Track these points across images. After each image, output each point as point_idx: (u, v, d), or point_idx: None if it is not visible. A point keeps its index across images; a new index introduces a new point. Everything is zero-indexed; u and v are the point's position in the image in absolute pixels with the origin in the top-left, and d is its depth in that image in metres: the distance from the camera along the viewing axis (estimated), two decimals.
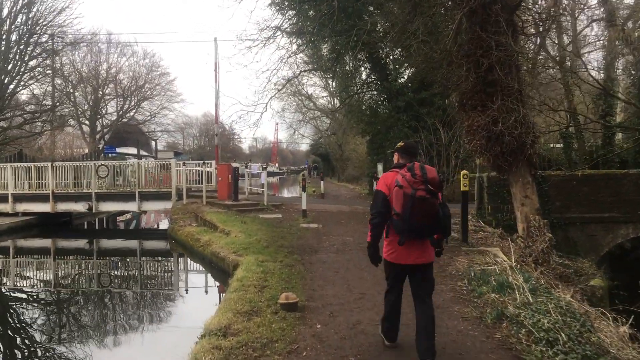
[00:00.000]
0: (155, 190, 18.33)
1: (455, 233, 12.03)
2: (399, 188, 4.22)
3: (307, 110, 55.07)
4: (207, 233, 12.88)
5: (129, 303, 10.36)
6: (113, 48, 47.42)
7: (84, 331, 8.40)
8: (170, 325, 8.49)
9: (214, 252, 10.64)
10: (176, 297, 10.48)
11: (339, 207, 16.92)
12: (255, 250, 10.00)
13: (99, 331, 8.35)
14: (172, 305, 9.90)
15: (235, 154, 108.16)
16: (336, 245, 10.81)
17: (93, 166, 18.27)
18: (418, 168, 4.28)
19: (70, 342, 7.71)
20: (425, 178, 4.21)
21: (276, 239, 11.41)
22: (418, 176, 4.20)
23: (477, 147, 9.96)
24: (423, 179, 4.19)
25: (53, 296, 11.14)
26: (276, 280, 7.40)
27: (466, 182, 10.84)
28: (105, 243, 18.38)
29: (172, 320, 8.90)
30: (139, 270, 13.47)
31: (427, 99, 20.05)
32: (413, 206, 4.13)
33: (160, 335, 8.07)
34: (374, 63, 22.45)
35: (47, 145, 42.43)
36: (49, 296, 11.16)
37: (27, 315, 9.60)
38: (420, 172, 4.23)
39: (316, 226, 13.41)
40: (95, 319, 9.19)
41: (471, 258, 8.96)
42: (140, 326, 8.63)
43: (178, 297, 10.50)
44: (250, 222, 13.64)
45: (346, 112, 29.00)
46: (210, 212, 15.39)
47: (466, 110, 10.16)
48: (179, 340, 7.16)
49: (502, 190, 13.88)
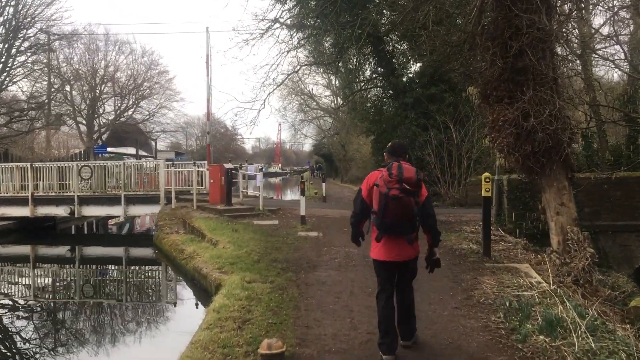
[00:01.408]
0: (143, 194, 16.88)
1: (474, 244, 10.56)
2: (376, 187, 4.41)
3: (310, 110, 53.65)
4: (193, 243, 11.44)
5: (93, 320, 8.95)
6: (111, 46, 46.02)
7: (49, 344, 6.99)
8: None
9: (197, 267, 9.19)
10: (141, 328, 8.96)
11: (342, 212, 15.45)
12: (243, 266, 8.55)
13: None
14: (135, 342, 8.31)
15: (238, 154, 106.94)
16: (338, 259, 9.35)
17: (75, 167, 16.83)
18: (395, 168, 4.39)
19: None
20: (401, 178, 4.32)
21: (269, 251, 9.96)
22: (394, 175, 4.33)
23: (504, 146, 8.48)
24: (398, 178, 4.31)
25: (23, 309, 9.76)
26: (262, 311, 5.94)
27: (488, 186, 9.37)
28: (88, 251, 16.98)
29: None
30: (116, 284, 12.06)
31: (437, 95, 18.57)
32: (387, 204, 4.30)
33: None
34: (380, 57, 20.98)
35: (41, 144, 41.19)
36: (19, 309, 9.77)
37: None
38: (397, 172, 4.35)
39: (316, 235, 11.96)
40: (58, 332, 7.78)
41: (499, 278, 7.48)
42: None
43: (144, 327, 8.98)
44: (243, 230, 12.19)
45: (350, 110, 27.58)
46: (199, 218, 13.96)
47: (490, 103, 8.68)
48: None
49: (525, 195, 12.40)
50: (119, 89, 46.47)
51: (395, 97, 20.53)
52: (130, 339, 8.26)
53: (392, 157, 4.70)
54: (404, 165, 4.44)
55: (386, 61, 20.78)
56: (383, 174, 4.43)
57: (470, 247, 10.18)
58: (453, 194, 17.59)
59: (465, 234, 11.68)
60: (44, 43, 27.29)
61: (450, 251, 9.92)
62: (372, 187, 4.50)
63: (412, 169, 4.45)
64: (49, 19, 26.39)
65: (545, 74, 8.16)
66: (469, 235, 11.47)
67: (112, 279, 13.03)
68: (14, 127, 27.85)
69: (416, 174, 4.44)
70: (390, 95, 21.17)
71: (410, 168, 4.45)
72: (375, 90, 23.84)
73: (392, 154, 4.74)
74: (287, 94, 50.54)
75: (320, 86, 50.08)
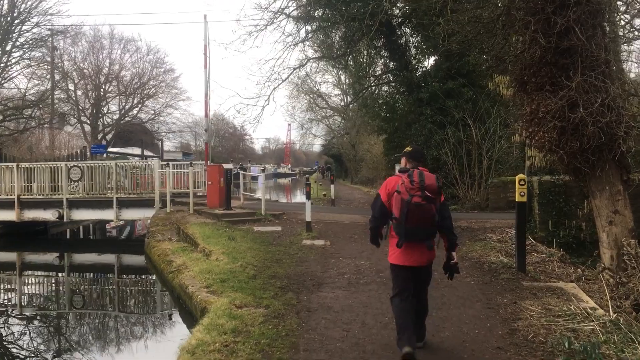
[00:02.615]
0: (136, 196, 15.65)
1: (504, 256, 9.18)
2: (397, 194, 4.42)
3: (319, 109, 52.37)
4: (184, 253, 10.17)
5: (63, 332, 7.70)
6: (116, 44, 45.05)
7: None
8: None
9: (182, 284, 7.90)
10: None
11: (352, 217, 14.12)
12: (235, 284, 7.25)
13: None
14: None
15: (247, 154, 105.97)
16: (347, 275, 8.03)
17: (64, 168, 15.63)
18: (416, 175, 4.41)
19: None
20: (422, 185, 4.35)
21: (268, 264, 8.67)
22: (415, 183, 4.35)
23: (545, 143, 7.11)
24: (420, 185, 4.34)
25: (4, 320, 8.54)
26: (249, 352, 4.64)
27: (524, 189, 7.98)
28: (78, 258, 15.77)
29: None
30: (97, 296, 10.82)
31: (455, 90, 17.17)
32: (409, 211, 4.31)
33: None
34: (392, 50, 19.62)
35: (44, 144, 40.33)
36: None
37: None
38: (418, 179, 4.37)
39: (322, 243, 10.64)
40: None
41: (545, 303, 6.11)
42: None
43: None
44: (241, 238, 10.90)
45: (360, 107, 26.21)
46: (195, 223, 12.69)
47: (528, 92, 7.32)
48: None
49: (558, 199, 11.00)
50: (124, 88, 45.55)
51: (409, 93, 19.16)
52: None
53: (412, 162, 4.69)
54: (424, 172, 4.46)
55: (399, 54, 19.42)
56: (404, 180, 4.42)
57: (500, 259, 8.80)
58: (473, 196, 16.18)
59: (492, 243, 10.30)
60: (40, 38, 26.18)
61: (477, 265, 8.56)
62: (393, 193, 4.50)
63: (432, 175, 4.47)
64: (46, 12, 25.29)
65: (596, 55, 6.79)
66: (497, 245, 10.09)
67: (94, 290, 11.82)
68: (11, 126, 26.78)
69: (437, 180, 4.46)
70: (404, 90, 19.80)
71: (431, 175, 4.47)
72: (388, 86, 22.48)
73: (413, 159, 4.71)
74: (297, 93, 49.45)
75: (330, 84, 48.93)
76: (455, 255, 4.85)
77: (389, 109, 21.45)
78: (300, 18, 20.28)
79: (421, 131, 17.86)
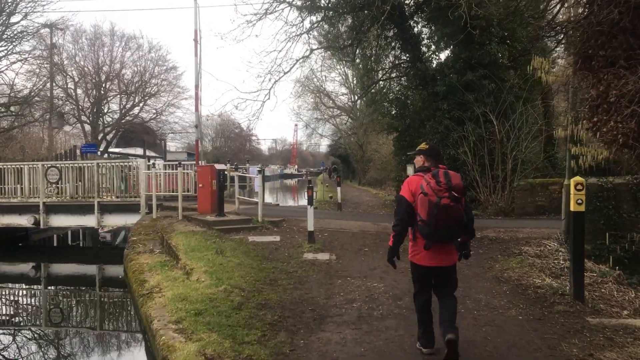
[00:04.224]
0: (120, 201, 14.04)
1: (549, 276, 7.49)
2: (424, 195, 4.25)
3: (326, 108, 50.73)
4: (162, 270, 8.54)
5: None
6: (117, 41, 43.65)
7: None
8: None
9: (149, 315, 6.25)
10: None
11: (361, 225, 12.47)
12: (213, 318, 5.63)
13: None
14: None
15: (254, 155, 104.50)
16: (357, 303, 6.37)
17: (41, 168, 14.05)
18: (442, 175, 4.27)
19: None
20: (450, 185, 4.23)
21: (260, 287, 7.03)
22: (442, 184, 4.22)
23: (618, 135, 5.43)
24: (447, 186, 4.21)
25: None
26: None
27: (581, 196, 6.29)
28: (56, 269, 14.20)
29: None
30: (54, 314, 9.24)
31: (475, 82, 15.44)
32: (438, 213, 4.17)
33: None
34: (405, 40, 17.93)
35: (43, 144, 39.07)
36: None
37: None
38: (445, 180, 4.24)
39: (327, 258, 8.99)
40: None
41: (632, 356, 4.42)
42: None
43: None
44: (231, 250, 9.27)
45: (369, 104, 24.50)
46: (181, 232, 11.08)
47: (594, 69, 5.62)
48: None
49: (607, 205, 9.26)
50: (125, 86, 44.14)
51: (423, 87, 17.46)
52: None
53: (430, 160, 4.59)
54: (450, 172, 4.36)
55: (412, 44, 17.73)
56: (429, 181, 4.30)
57: (547, 283, 7.10)
58: (496, 201, 14.45)
59: (530, 259, 8.59)
60: (27, 31, 24.70)
61: (519, 290, 6.86)
62: (417, 194, 4.35)
63: (457, 175, 4.38)
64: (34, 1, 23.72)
65: None
66: (536, 262, 8.38)
67: (55, 308, 10.27)
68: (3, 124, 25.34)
69: (462, 180, 4.40)
70: (417, 84, 18.08)
71: (456, 175, 4.37)
72: (399, 80, 20.79)
73: (432, 157, 4.62)
74: (302, 92, 47.88)
75: (337, 83, 47.41)
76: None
77: (400, 105, 19.76)
78: (304, 7, 18.65)
79: (437, 128, 16.17)
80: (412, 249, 4.56)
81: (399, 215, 4.49)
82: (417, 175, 4.52)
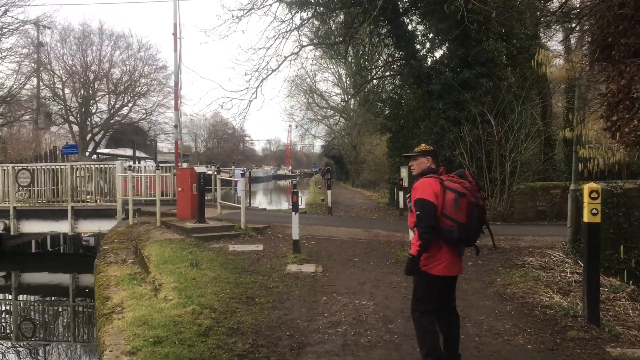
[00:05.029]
0: (95, 206, 13.18)
1: (557, 293, 6.75)
2: (461, 196, 3.97)
3: (319, 109, 49.96)
4: (130, 284, 7.73)
5: None
6: (106, 40, 42.73)
7: None
8: None
9: (102, 343, 5.44)
10: None
11: (352, 232, 11.69)
12: (174, 348, 4.85)
13: None
14: None
15: (247, 156, 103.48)
16: (343, 327, 5.59)
17: (11, 171, 13.18)
18: (469, 175, 4.16)
19: None
20: (480, 185, 4.18)
21: (234, 307, 6.24)
22: (474, 184, 4.09)
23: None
24: (478, 186, 4.12)
25: None
26: None
27: (596, 205, 5.57)
28: (27, 278, 13.34)
29: None
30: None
31: (472, 80, 14.71)
32: (478, 215, 4.00)
33: None
34: (398, 37, 17.21)
35: (28, 145, 38.12)
36: None
37: None
38: (473, 180, 4.13)
39: (312, 271, 8.21)
40: None
41: None
42: None
43: None
44: (208, 262, 8.48)
45: (362, 103, 23.74)
46: (157, 240, 10.27)
47: (614, 60, 4.88)
48: None
49: (617, 213, 8.52)
50: (113, 86, 43.20)
51: (418, 85, 16.74)
52: None
53: (435, 161, 4.30)
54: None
55: (406, 41, 17.01)
56: (460, 182, 4.05)
57: (555, 300, 6.36)
58: (494, 205, 13.71)
59: (534, 271, 7.85)
60: (8, 29, 23.77)
61: (525, 310, 6.10)
62: (447, 197, 3.98)
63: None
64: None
65: None
66: (541, 275, 7.64)
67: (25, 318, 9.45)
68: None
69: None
70: (411, 83, 17.35)
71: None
72: (392, 79, 20.07)
73: (436, 157, 4.35)
74: (295, 92, 47.12)
75: (330, 83, 46.63)
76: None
77: (393, 105, 19.04)
78: (294, 3, 17.89)
79: (432, 129, 15.45)
80: (431, 259, 4.04)
81: (428, 221, 3.93)
82: (430, 177, 4.09)
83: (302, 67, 33.08)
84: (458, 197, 3.94)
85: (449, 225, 3.95)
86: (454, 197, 3.94)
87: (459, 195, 3.95)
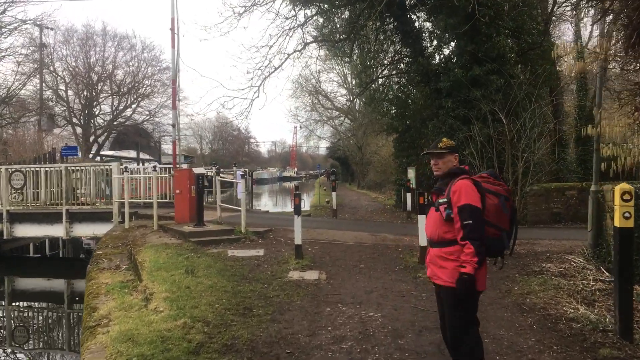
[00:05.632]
0: (91, 209, 12.71)
1: (581, 304, 6.19)
2: (505, 200, 3.56)
3: (324, 110, 49.52)
4: (120, 293, 7.22)
5: None
6: (110, 41, 42.45)
7: None
8: None
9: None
10: None
11: (358, 235, 11.16)
12: None
13: None
14: None
15: (252, 158, 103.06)
16: (348, 342, 5.06)
17: (4, 173, 12.74)
18: (498, 176, 3.77)
19: None
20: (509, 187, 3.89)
21: (229, 320, 5.73)
22: (504, 186, 3.69)
23: None
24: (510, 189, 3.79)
25: None
26: None
27: (629, 208, 5.01)
28: (21, 284, 12.88)
29: None
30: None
31: (482, 77, 14.16)
32: (516, 220, 3.65)
33: None
34: (405, 34, 16.70)
35: (32, 147, 37.91)
36: None
37: None
38: (502, 181, 3.73)
39: (316, 278, 7.69)
40: None
41: None
42: None
43: None
44: (205, 269, 7.97)
45: (367, 102, 23.20)
46: (152, 245, 9.78)
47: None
48: None
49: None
50: (117, 87, 42.89)
51: (425, 83, 16.20)
52: None
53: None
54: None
55: (413, 38, 16.50)
56: (499, 184, 3.64)
57: (581, 312, 5.79)
58: None
59: (554, 279, 7.30)
60: (7, 28, 23.42)
61: (548, 323, 5.54)
62: (488, 202, 3.49)
63: None
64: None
65: None
66: (562, 283, 7.08)
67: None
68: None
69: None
70: (419, 81, 16.81)
71: None
72: (399, 77, 19.52)
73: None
74: (299, 93, 46.75)
75: (335, 84, 46.27)
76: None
77: (400, 104, 18.54)
78: (298, 0, 17.42)
79: (440, 128, 14.91)
80: (478, 274, 3.52)
81: (480, 231, 3.39)
82: (467, 179, 3.57)
83: (306, 66, 32.71)
84: (505, 202, 3.52)
85: (494, 234, 3.49)
86: (499, 201, 3.50)
87: (504, 199, 3.54)
